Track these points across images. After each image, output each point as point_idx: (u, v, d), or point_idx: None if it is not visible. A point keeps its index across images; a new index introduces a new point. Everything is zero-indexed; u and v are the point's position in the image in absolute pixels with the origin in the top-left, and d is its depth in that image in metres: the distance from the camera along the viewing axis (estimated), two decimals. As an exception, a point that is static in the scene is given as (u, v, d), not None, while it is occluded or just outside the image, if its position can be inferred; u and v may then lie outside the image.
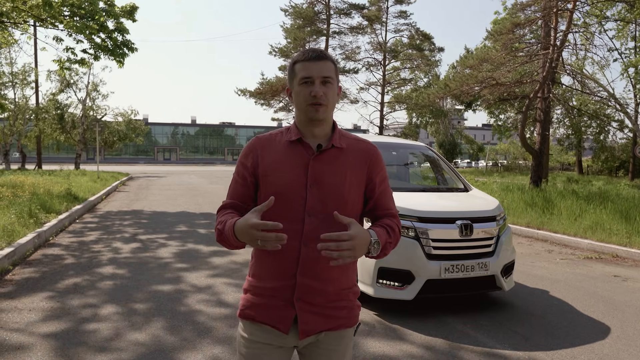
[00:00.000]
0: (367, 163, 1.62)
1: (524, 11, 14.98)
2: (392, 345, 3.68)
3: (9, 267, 5.70)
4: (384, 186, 1.66)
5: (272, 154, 1.59)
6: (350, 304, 1.63)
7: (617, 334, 4.06)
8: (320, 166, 1.56)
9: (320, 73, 1.53)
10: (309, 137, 1.60)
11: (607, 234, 8.19)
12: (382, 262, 4.33)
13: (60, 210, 9.67)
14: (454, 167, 6.16)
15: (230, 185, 1.67)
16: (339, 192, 1.55)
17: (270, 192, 1.55)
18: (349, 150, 1.61)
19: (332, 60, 1.58)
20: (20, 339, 3.64)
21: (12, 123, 27.45)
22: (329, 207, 1.53)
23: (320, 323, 1.56)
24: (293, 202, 1.53)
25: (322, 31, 29.18)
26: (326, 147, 1.58)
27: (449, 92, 16.45)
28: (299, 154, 1.58)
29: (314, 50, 1.57)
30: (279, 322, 1.55)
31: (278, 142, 1.62)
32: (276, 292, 1.55)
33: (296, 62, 1.58)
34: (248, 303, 1.61)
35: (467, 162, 59.37)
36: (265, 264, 1.58)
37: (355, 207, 1.60)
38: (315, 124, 1.57)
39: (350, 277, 1.64)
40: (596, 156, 34.22)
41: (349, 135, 1.68)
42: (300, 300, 1.54)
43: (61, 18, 11.37)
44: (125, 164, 55.33)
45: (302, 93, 1.55)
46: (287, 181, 1.55)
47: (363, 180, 1.61)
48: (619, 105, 24.05)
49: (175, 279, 5.40)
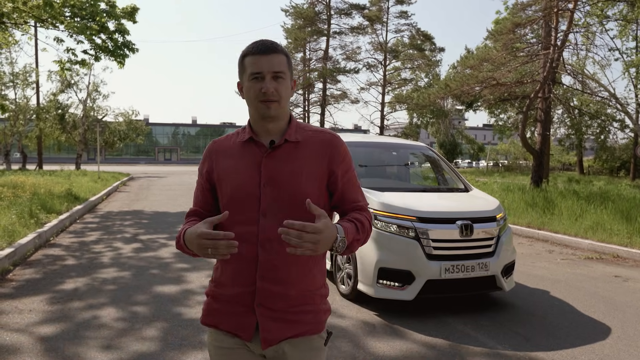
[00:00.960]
0: (326, 154, 1.52)
1: (525, 11, 14.97)
2: (392, 346, 3.67)
3: (9, 268, 5.70)
4: (348, 177, 1.55)
5: (227, 158, 1.54)
6: (316, 307, 1.52)
7: (617, 335, 4.06)
8: (273, 164, 1.49)
9: (270, 68, 1.44)
10: (263, 134, 1.53)
11: (608, 234, 8.18)
12: (382, 262, 4.33)
13: (61, 211, 9.68)
14: (454, 167, 6.15)
15: (194, 190, 1.65)
16: (294, 189, 1.46)
17: (226, 196, 1.51)
18: (306, 143, 1.52)
19: (284, 53, 1.49)
20: (21, 340, 3.64)
21: (13, 123, 27.49)
22: (284, 206, 1.45)
23: (282, 330, 1.46)
24: (247, 204, 1.47)
25: (323, 31, 29.19)
26: (279, 142, 1.50)
27: (450, 92, 16.45)
28: (252, 154, 1.51)
29: (264, 43, 1.47)
30: (240, 329, 1.48)
31: (232, 144, 1.56)
32: (236, 298, 1.48)
33: (245, 55, 1.48)
34: (209, 309, 1.55)
35: (467, 162, 59.31)
36: (225, 269, 1.52)
37: (317, 202, 1.48)
38: (267, 121, 1.50)
39: (316, 279, 1.54)
40: (597, 156, 34.19)
41: (308, 127, 1.58)
42: (260, 306, 1.46)
43: (62, 19, 11.38)
44: (126, 164, 55.36)
45: (252, 89, 1.47)
46: (240, 183, 1.49)
47: (324, 173, 1.51)
48: (620, 105, 24.03)
49: (176, 279, 5.40)
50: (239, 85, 1.54)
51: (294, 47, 29.97)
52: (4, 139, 27.52)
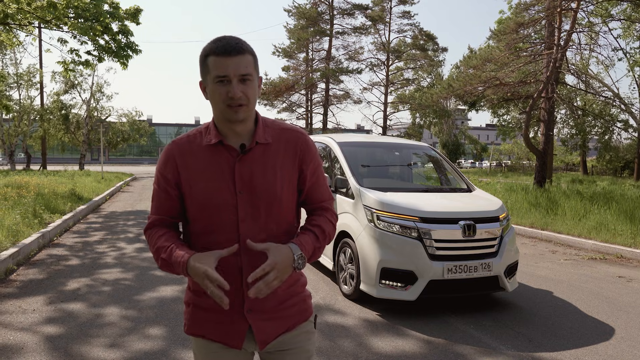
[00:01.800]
0: (297, 154, 1.49)
1: (528, 11, 14.93)
2: (394, 346, 3.67)
3: (13, 268, 5.73)
4: (316, 176, 1.53)
5: (193, 162, 1.45)
6: (300, 297, 1.55)
7: (621, 335, 4.04)
8: (247, 168, 1.43)
9: (237, 71, 1.34)
10: (231, 136, 1.45)
11: (612, 235, 8.15)
12: (384, 262, 4.33)
13: (65, 211, 9.72)
14: (457, 168, 6.14)
15: (152, 197, 1.52)
16: (271, 192, 1.44)
17: (196, 204, 1.44)
18: (276, 143, 1.47)
19: (250, 52, 1.39)
20: (25, 339, 3.66)
21: (17, 124, 27.63)
22: (262, 210, 1.43)
23: (275, 327, 1.48)
24: (224, 212, 1.42)
25: (326, 31, 29.19)
26: (250, 145, 1.44)
27: (453, 92, 16.43)
28: (222, 158, 1.43)
29: (229, 43, 1.35)
30: (230, 338, 1.46)
31: (198, 147, 1.46)
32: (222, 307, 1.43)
33: (208, 54, 1.37)
34: (194, 318, 1.51)
35: (470, 162, 59.23)
36: None
37: (290, 203, 1.50)
38: (235, 124, 1.42)
39: (295, 272, 1.55)
40: (601, 156, 34.06)
41: (275, 124, 1.52)
42: (251, 311, 1.45)
43: (66, 20, 11.43)
44: (129, 165, 55.52)
45: (217, 92, 1.37)
46: (214, 190, 1.42)
47: (295, 173, 1.49)
48: (624, 105, 23.94)
49: (179, 279, 5.41)
50: (202, 84, 1.44)
51: (297, 47, 29.99)
52: (8, 139, 27.65)
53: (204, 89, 1.44)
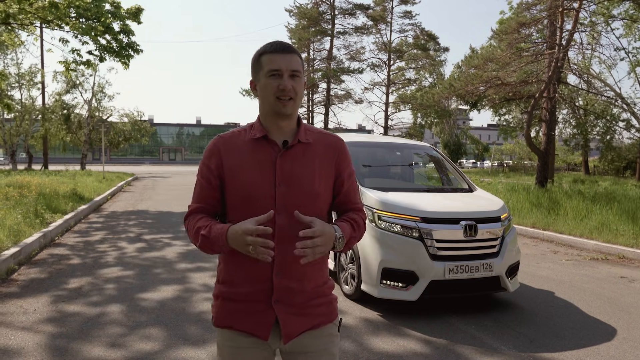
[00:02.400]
0: (335, 157, 1.58)
1: (530, 10, 14.90)
2: (395, 346, 3.67)
3: (14, 267, 5.74)
4: (351, 180, 1.64)
5: (236, 154, 1.54)
6: (328, 299, 1.61)
7: (623, 336, 4.03)
8: (288, 163, 1.51)
9: (289, 66, 1.48)
10: (275, 132, 1.54)
11: (614, 235, 8.13)
12: (386, 262, 4.32)
13: (66, 210, 9.73)
14: (458, 168, 6.13)
15: (195, 188, 1.60)
16: (309, 188, 1.51)
17: (237, 194, 1.51)
18: (316, 144, 1.57)
19: (299, 54, 1.54)
20: (25, 339, 3.66)
21: (18, 124, 27.65)
22: (299, 205, 1.48)
23: (301, 323, 1.53)
24: (262, 203, 1.48)
25: (327, 31, 29.18)
26: (292, 142, 1.53)
27: (454, 92, 16.41)
28: (265, 152, 1.52)
29: (282, 43, 1.52)
30: (257, 328, 1.51)
31: (242, 141, 1.55)
32: (252, 296, 1.51)
33: (262, 53, 1.51)
34: (223, 310, 1.56)
35: (472, 162, 59.17)
36: (237, 268, 1.53)
37: (325, 202, 1.57)
38: (282, 118, 1.52)
39: (324, 272, 1.63)
40: (602, 156, 33.99)
41: (314, 129, 1.64)
42: (279, 303, 1.50)
43: (67, 20, 11.44)
44: (130, 165, 55.58)
45: (270, 86, 1.48)
46: (254, 181, 1.49)
47: (332, 174, 1.58)
48: (626, 104, 23.90)
49: (180, 279, 5.41)
50: (252, 83, 1.56)
51: (298, 47, 29.97)
52: (10, 139, 27.69)
53: (254, 87, 1.56)
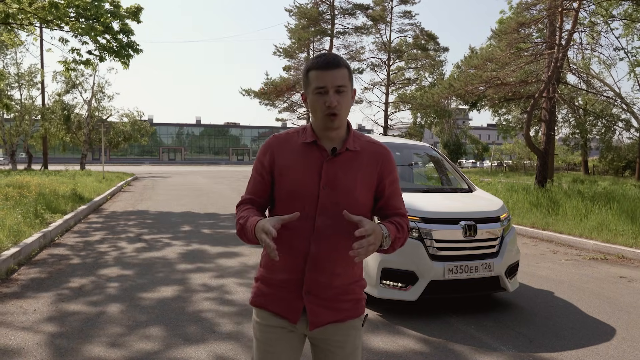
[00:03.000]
0: (378, 165, 1.68)
1: (529, 10, 14.90)
2: (395, 346, 3.67)
3: (14, 267, 5.74)
4: (393, 187, 1.71)
5: (288, 154, 1.66)
6: (357, 296, 1.71)
7: (622, 336, 4.04)
8: (333, 169, 1.63)
9: (334, 82, 1.56)
10: (324, 139, 1.66)
11: (613, 235, 8.14)
12: (385, 262, 4.32)
13: (66, 211, 9.73)
14: (458, 168, 6.14)
15: (249, 181, 1.76)
16: (350, 193, 1.62)
17: (285, 190, 1.65)
18: (362, 152, 1.68)
19: (346, 66, 1.60)
20: (26, 339, 3.67)
21: (18, 124, 27.64)
22: (340, 207, 1.60)
23: (328, 315, 1.64)
24: (306, 201, 1.61)
25: (327, 31, 29.17)
26: (340, 150, 1.64)
27: (454, 92, 16.41)
28: (314, 156, 1.64)
29: (327, 58, 1.58)
30: (288, 312, 1.64)
31: (294, 143, 1.68)
32: (286, 284, 1.65)
33: (310, 69, 1.61)
34: (259, 292, 1.71)
35: (471, 162, 59.18)
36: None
37: (365, 206, 1.67)
38: (330, 131, 1.63)
39: (356, 271, 1.71)
40: (602, 156, 34.00)
41: (363, 137, 1.73)
42: (309, 294, 1.63)
43: (67, 20, 11.44)
44: (130, 165, 55.56)
45: (317, 102, 1.59)
46: (301, 180, 1.62)
47: (374, 181, 1.67)
48: (626, 104, 23.91)
49: (180, 279, 5.42)
50: (304, 96, 1.68)
51: (298, 47, 29.98)
52: (9, 139, 27.68)
53: (305, 99, 1.67)
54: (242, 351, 3.52)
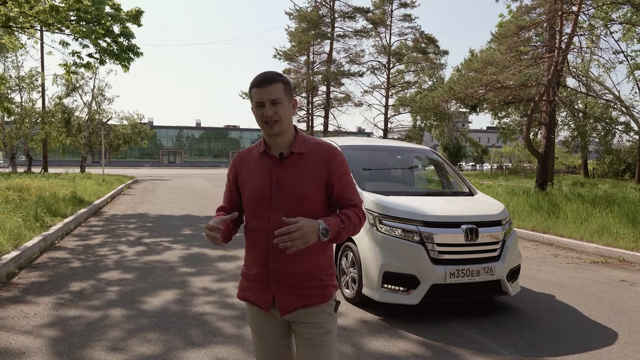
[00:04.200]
0: (324, 163, 1.86)
1: (529, 14, 14.93)
2: (397, 350, 3.66)
3: (15, 271, 5.73)
4: (343, 181, 1.88)
5: (247, 165, 1.94)
6: (323, 283, 1.89)
7: (624, 340, 4.03)
8: (282, 172, 1.86)
9: (269, 96, 1.79)
10: (274, 146, 1.89)
11: (614, 238, 8.13)
12: (387, 266, 4.32)
13: (66, 214, 9.72)
14: (458, 171, 6.14)
15: (224, 192, 2.08)
16: (298, 191, 1.83)
17: (246, 196, 1.92)
18: (309, 154, 1.88)
19: (282, 81, 1.82)
20: (26, 343, 3.66)
21: (18, 126, 27.65)
22: (290, 205, 1.82)
23: (294, 301, 1.85)
24: (262, 203, 1.86)
25: (327, 34, 29.22)
26: (286, 154, 1.87)
27: (454, 95, 16.41)
28: (266, 163, 1.89)
29: (263, 76, 1.81)
30: (261, 302, 1.90)
31: (252, 155, 1.95)
32: (257, 277, 1.89)
33: (251, 87, 1.84)
34: (242, 286, 1.99)
35: (471, 165, 59.18)
36: (249, 253, 1.94)
37: (315, 202, 1.85)
38: (273, 137, 1.86)
39: (319, 261, 1.89)
40: (601, 159, 34.01)
41: (311, 140, 1.93)
42: (275, 284, 1.85)
43: (67, 23, 11.46)
44: (130, 167, 55.53)
45: (257, 114, 1.84)
46: (257, 186, 1.88)
47: (322, 178, 1.86)
48: (625, 107, 23.93)
49: (180, 283, 5.41)
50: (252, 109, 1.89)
51: (298, 50, 30.02)
52: (9, 142, 27.68)
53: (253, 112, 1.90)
54: (243, 354, 3.50)
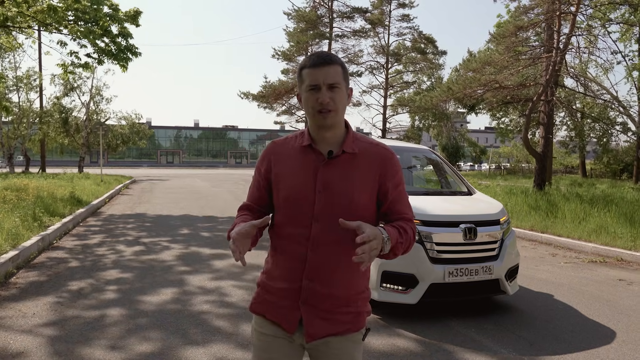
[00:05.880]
0: (379, 167, 1.60)
1: (527, 14, 14.96)
2: (395, 349, 3.67)
3: (13, 271, 5.71)
4: (397, 191, 1.63)
5: (285, 159, 1.63)
6: (358, 309, 1.62)
7: (622, 339, 4.04)
8: (329, 172, 1.57)
9: (326, 79, 1.52)
10: (321, 142, 1.60)
11: (612, 238, 8.15)
12: (385, 265, 4.32)
13: (64, 214, 9.70)
14: (457, 171, 6.15)
15: (250, 187, 1.74)
16: (347, 197, 1.55)
17: (281, 196, 1.60)
18: (362, 154, 1.60)
19: (340, 63, 1.56)
20: (25, 343, 3.65)
21: (16, 127, 27.58)
22: (336, 212, 1.53)
23: (325, 327, 1.56)
24: (302, 207, 1.56)
25: (325, 35, 29.22)
26: (337, 153, 1.58)
27: (452, 95, 16.43)
28: (310, 160, 1.59)
29: (320, 55, 1.56)
30: (285, 321, 1.59)
31: (291, 148, 1.64)
32: (284, 292, 1.59)
33: (303, 67, 1.58)
34: (259, 299, 1.67)
35: (469, 165, 59.26)
36: (276, 263, 1.62)
37: (366, 211, 1.59)
38: (325, 130, 1.58)
39: (360, 282, 1.63)
40: (598, 159, 34.10)
41: (364, 139, 1.66)
42: (305, 304, 1.56)
43: (65, 23, 11.43)
44: (128, 167, 55.44)
45: (309, 100, 1.55)
46: (297, 185, 1.58)
47: (375, 185, 1.59)
48: (623, 107, 23.99)
49: (179, 282, 5.40)
50: (298, 95, 1.63)
51: (296, 50, 30.00)
52: (7, 142, 27.61)
53: (300, 99, 1.62)
54: (241, 353, 3.50)
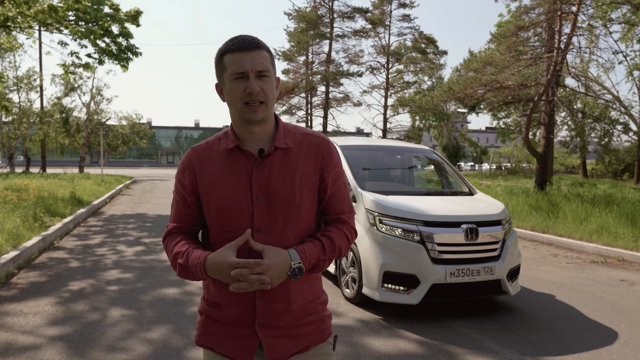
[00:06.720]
0: (319, 159, 1.42)
1: (528, 14, 14.95)
2: (397, 350, 3.66)
3: (14, 271, 5.71)
4: (337, 185, 1.45)
5: (211, 167, 1.40)
6: (319, 316, 1.47)
7: (624, 339, 4.03)
8: (264, 174, 1.37)
9: (254, 66, 1.31)
10: (248, 140, 1.40)
11: (613, 238, 8.14)
12: (387, 266, 4.31)
13: (65, 214, 9.69)
14: (458, 171, 6.14)
15: (172, 205, 1.48)
16: (289, 200, 1.37)
17: (213, 209, 1.39)
18: (297, 147, 1.41)
19: (267, 49, 1.35)
20: (26, 343, 3.64)
21: (16, 127, 27.60)
22: (279, 219, 1.36)
23: (288, 346, 1.39)
24: (238, 220, 1.36)
25: (326, 35, 29.22)
26: (269, 150, 1.38)
27: (453, 95, 16.42)
28: (239, 163, 1.38)
29: (245, 39, 1.33)
30: (240, 353, 1.39)
31: (215, 152, 1.42)
32: (235, 320, 1.39)
33: (224, 52, 1.34)
34: (205, 330, 1.46)
35: (470, 165, 59.22)
36: (221, 289, 1.40)
37: (309, 212, 1.42)
38: (254, 125, 1.37)
39: (314, 288, 1.47)
40: (600, 159, 34.07)
41: (296, 130, 1.46)
42: (263, 327, 1.38)
43: (66, 23, 11.43)
44: (129, 168, 55.48)
45: (234, 90, 1.33)
46: (230, 195, 1.36)
47: (316, 179, 1.41)
48: (624, 107, 23.98)
49: (180, 282, 5.40)
50: (218, 86, 1.41)
51: (297, 50, 30.01)
52: (8, 142, 27.63)
53: (221, 90, 1.40)
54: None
